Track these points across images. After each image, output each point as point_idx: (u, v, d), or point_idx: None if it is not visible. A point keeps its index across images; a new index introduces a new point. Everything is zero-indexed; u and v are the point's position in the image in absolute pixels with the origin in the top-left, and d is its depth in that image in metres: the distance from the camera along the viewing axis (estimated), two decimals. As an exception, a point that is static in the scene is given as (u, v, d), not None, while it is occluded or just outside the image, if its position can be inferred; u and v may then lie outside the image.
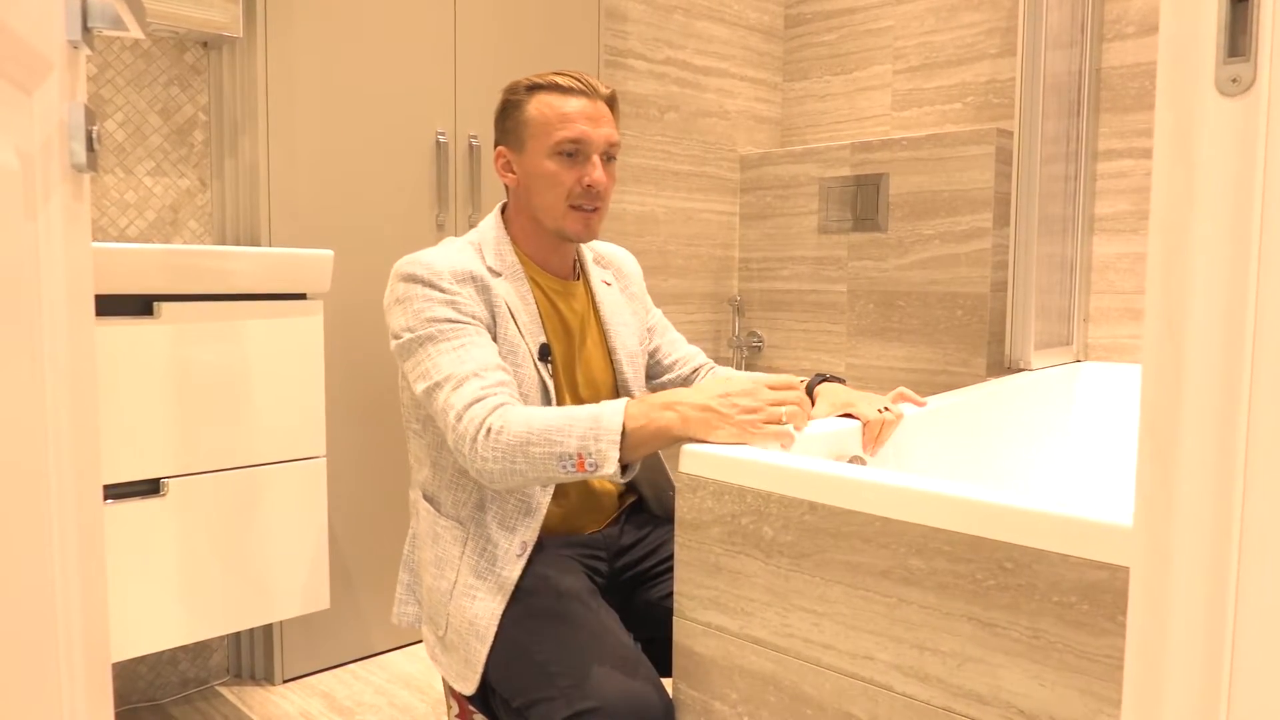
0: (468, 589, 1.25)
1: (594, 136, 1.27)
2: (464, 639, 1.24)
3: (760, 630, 1.07)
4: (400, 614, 1.39)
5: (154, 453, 1.43)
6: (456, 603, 1.25)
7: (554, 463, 1.12)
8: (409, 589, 1.39)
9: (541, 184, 1.29)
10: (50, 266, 0.70)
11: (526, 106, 1.30)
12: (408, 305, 1.23)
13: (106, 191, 1.71)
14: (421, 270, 1.23)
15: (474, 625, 1.23)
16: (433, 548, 1.30)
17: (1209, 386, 0.60)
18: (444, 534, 1.29)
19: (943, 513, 0.90)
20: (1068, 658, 0.83)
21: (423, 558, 1.33)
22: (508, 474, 1.14)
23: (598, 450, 1.10)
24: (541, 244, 1.34)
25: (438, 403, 1.19)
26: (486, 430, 1.14)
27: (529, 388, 1.27)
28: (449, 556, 1.28)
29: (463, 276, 1.24)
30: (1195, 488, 0.62)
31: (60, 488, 0.75)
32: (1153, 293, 0.61)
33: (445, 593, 1.27)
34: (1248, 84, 0.56)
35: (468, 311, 1.23)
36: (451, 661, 1.27)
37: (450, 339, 1.21)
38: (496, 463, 1.13)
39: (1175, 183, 0.59)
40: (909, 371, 2.55)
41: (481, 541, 1.26)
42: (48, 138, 0.68)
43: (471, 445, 1.15)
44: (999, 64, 2.57)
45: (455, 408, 1.16)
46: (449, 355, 1.20)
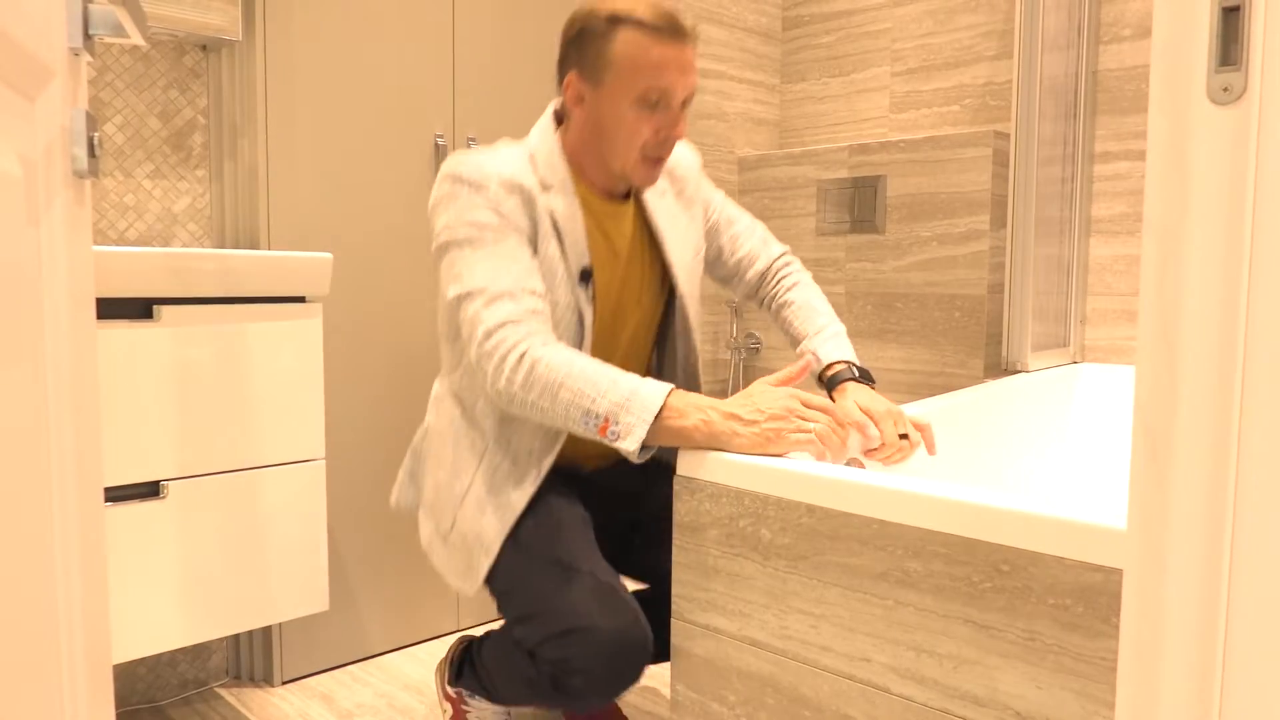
0: (479, 501, 1.26)
1: (679, 88, 1.21)
2: (468, 546, 1.27)
3: (758, 632, 1.07)
4: (399, 498, 1.42)
5: (154, 455, 1.44)
6: (467, 510, 1.27)
7: (578, 415, 1.11)
8: (411, 475, 1.40)
9: (617, 129, 1.22)
10: (52, 271, 0.71)
11: (612, 41, 1.20)
12: (450, 204, 1.20)
13: (106, 194, 1.72)
14: (469, 172, 1.19)
15: (480, 538, 1.25)
16: (451, 449, 1.30)
17: (1203, 390, 0.60)
18: (464, 440, 1.29)
19: (939, 515, 0.91)
20: (1063, 660, 0.83)
21: (437, 453, 1.33)
22: (527, 405, 1.14)
23: (626, 422, 1.10)
24: (599, 170, 1.28)
25: (466, 312, 1.17)
26: (520, 356, 1.13)
27: (563, 311, 1.24)
28: (465, 463, 1.28)
29: (511, 186, 1.20)
30: (1189, 491, 0.62)
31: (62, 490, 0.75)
32: (1147, 298, 0.62)
33: (457, 495, 1.28)
34: (1239, 93, 0.56)
35: (511, 220, 1.19)
36: (451, 560, 1.30)
37: (488, 245, 1.18)
38: (522, 390, 1.13)
39: (1169, 190, 0.59)
40: (907, 373, 2.55)
41: (499, 458, 1.26)
42: (50, 144, 0.68)
43: (498, 367, 1.14)
44: (996, 66, 2.57)
45: (485, 324, 1.15)
46: (484, 263, 1.17)
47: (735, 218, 1.50)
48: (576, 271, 1.24)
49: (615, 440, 1.10)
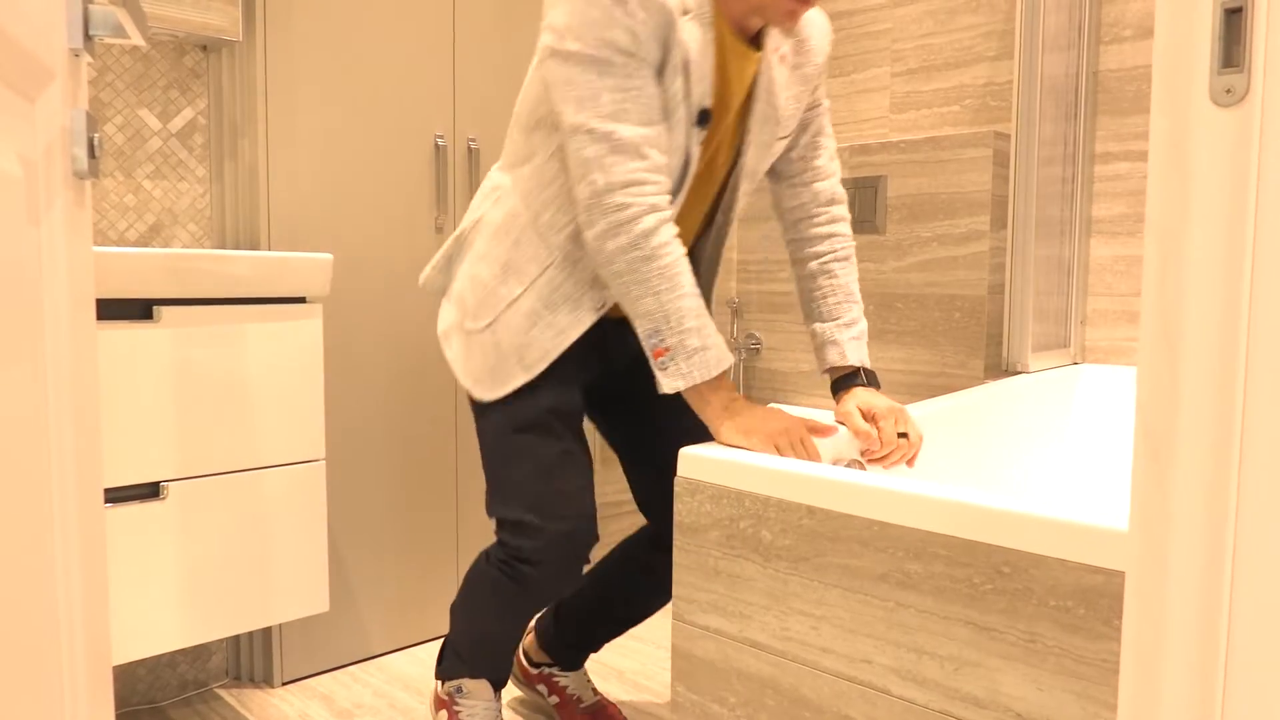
0: (530, 313, 1.24)
1: None
2: (503, 353, 1.25)
3: (759, 633, 1.07)
4: (429, 279, 1.38)
5: (154, 456, 1.44)
6: (513, 319, 1.24)
7: (648, 324, 1.13)
8: (449, 259, 1.36)
9: None
10: (53, 272, 0.71)
11: None
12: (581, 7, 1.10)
13: (106, 195, 1.71)
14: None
15: (522, 352, 1.24)
16: (509, 249, 1.26)
17: (1204, 392, 0.60)
18: (527, 245, 1.24)
19: (940, 517, 0.91)
20: (1064, 662, 0.83)
21: (489, 250, 1.28)
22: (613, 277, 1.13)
23: (677, 367, 1.13)
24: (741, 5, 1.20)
25: (583, 151, 1.12)
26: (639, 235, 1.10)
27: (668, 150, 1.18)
28: (523, 269, 1.24)
29: (651, 4, 1.11)
30: (1190, 492, 0.62)
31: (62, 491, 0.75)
32: (1148, 299, 0.62)
33: (502, 299, 1.25)
34: (1241, 94, 0.56)
35: (644, 46, 1.11)
36: (470, 358, 1.29)
37: (617, 76, 1.11)
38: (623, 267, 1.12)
39: (1170, 192, 0.59)
40: (907, 373, 2.55)
41: (561, 277, 1.23)
42: (50, 145, 0.68)
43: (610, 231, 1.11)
44: (997, 67, 2.57)
45: (607, 177, 1.11)
46: (611, 97, 1.11)
47: (827, 128, 1.45)
48: (696, 112, 1.18)
49: (660, 370, 1.13)
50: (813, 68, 1.35)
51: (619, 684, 1.86)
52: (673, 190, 1.21)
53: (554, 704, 1.66)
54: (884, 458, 1.31)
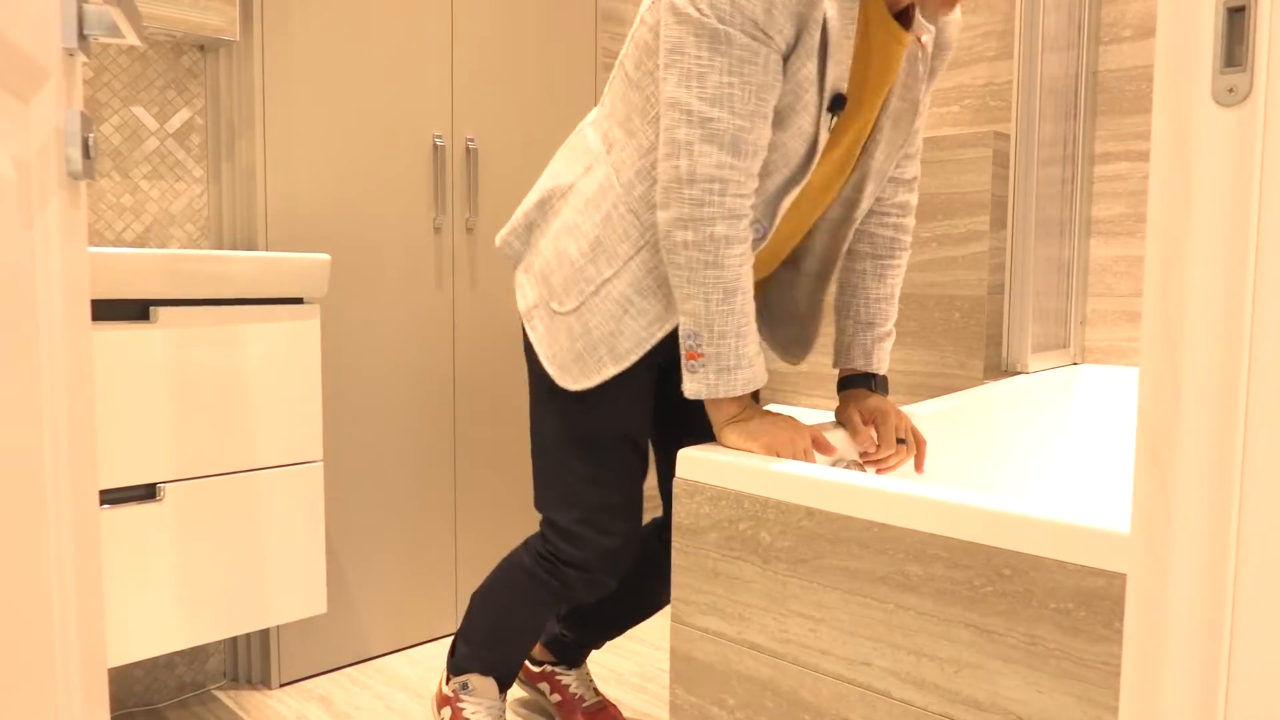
0: (621, 299, 1.17)
1: None
2: (593, 340, 1.19)
3: (758, 635, 1.07)
4: (506, 241, 1.30)
5: (151, 457, 1.43)
6: (603, 303, 1.17)
7: (689, 323, 1.11)
8: (531, 227, 1.27)
9: None
10: (47, 274, 0.70)
11: None
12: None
13: (103, 195, 1.71)
14: None
15: (613, 339, 1.18)
16: (599, 225, 1.18)
17: (1206, 394, 0.60)
18: (619, 221, 1.17)
19: (940, 519, 0.90)
20: (1065, 664, 0.83)
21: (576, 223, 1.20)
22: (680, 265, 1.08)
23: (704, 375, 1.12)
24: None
25: (679, 131, 1.05)
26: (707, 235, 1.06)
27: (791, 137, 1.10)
28: (615, 249, 1.17)
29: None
30: (1192, 495, 0.62)
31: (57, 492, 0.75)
32: (1150, 301, 0.61)
33: (591, 280, 1.18)
34: (1244, 94, 0.56)
35: (776, 24, 1.03)
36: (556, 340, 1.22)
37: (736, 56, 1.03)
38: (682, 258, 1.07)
39: (1172, 192, 0.59)
40: (906, 374, 2.55)
41: (658, 258, 1.16)
42: (44, 145, 0.68)
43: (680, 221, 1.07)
44: (996, 67, 2.57)
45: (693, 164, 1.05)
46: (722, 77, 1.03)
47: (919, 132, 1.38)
48: (829, 97, 1.10)
49: (689, 372, 1.13)
50: (942, 63, 1.29)
51: (618, 685, 1.86)
52: (793, 178, 1.14)
53: (555, 702, 1.66)
54: (881, 462, 1.31)
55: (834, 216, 1.30)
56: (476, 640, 1.46)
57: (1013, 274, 2.23)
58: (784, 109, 1.08)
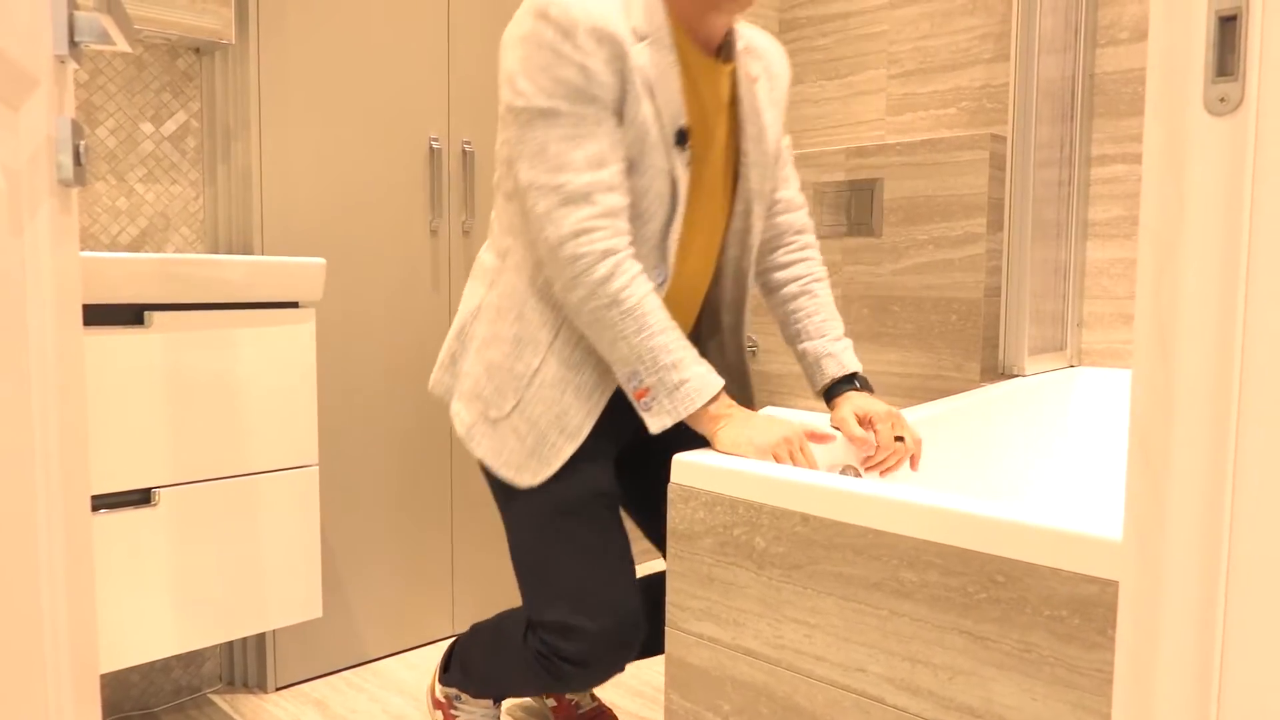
0: (558, 380, 1.18)
1: None
2: (541, 430, 1.19)
3: (752, 641, 1.06)
4: (437, 381, 1.32)
5: (145, 462, 1.43)
6: (539, 391, 1.19)
7: (626, 370, 1.10)
8: (453, 358, 1.30)
9: None
10: (37, 281, 0.70)
11: None
12: (533, 52, 1.09)
13: (98, 198, 1.71)
14: (557, 12, 1.08)
15: (562, 419, 1.18)
16: (514, 324, 1.21)
17: (1199, 402, 0.60)
18: (533, 314, 1.19)
19: (934, 525, 0.90)
20: (1059, 671, 0.83)
21: (495, 333, 1.23)
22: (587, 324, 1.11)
23: (661, 405, 1.10)
24: (692, 6, 1.17)
25: (539, 207, 1.10)
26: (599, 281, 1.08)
27: (654, 177, 1.15)
28: (535, 339, 1.19)
29: (601, 36, 1.09)
30: (1185, 502, 0.62)
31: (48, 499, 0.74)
32: (1143, 309, 0.61)
33: (521, 376, 1.19)
34: (1236, 103, 0.56)
35: (596, 81, 1.09)
36: (504, 447, 1.21)
37: (565, 123, 1.09)
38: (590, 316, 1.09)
39: (1165, 200, 0.59)
40: (903, 376, 2.55)
41: (578, 332, 1.18)
42: (35, 153, 0.68)
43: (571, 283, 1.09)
44: (993, 69, 2.57)
45: (559, 229, 1.09)
46: (559, 146, 1.09)
47: (790, 159, 1.43)
48: (671, 133, 1.14)
49: (645, 411, 1.11)
50: (780, 93, 1.34)
51: (614, 690, 1.86)
52: (666, 215, 1.18)
53: (551, 708, 1.66)
54: (882, 463, 1.30)
55: (733, 255, 1.33)
56: (473, 679, 1.41)
57: (1009, 276, 2.23)
58: (635, 153, 1.13)
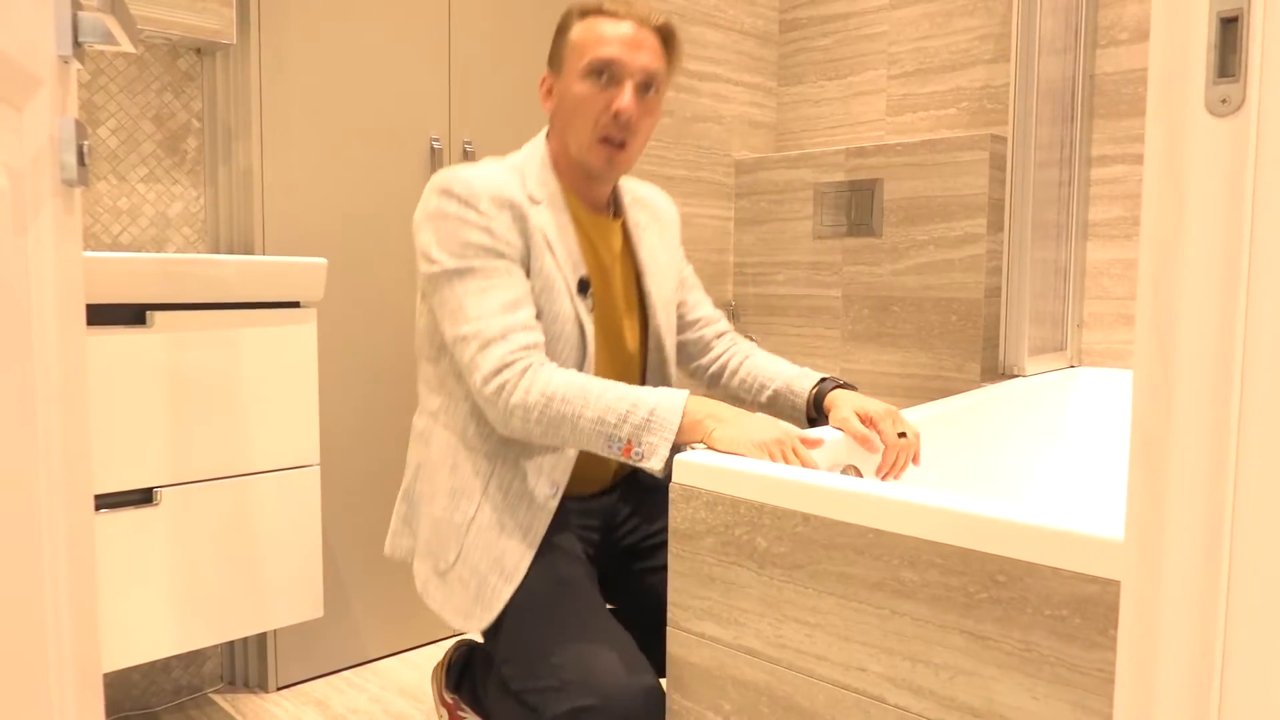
0: (493, 524, 1.21)
1: (628, 61, 1.22)
2: (481, 575, 1.21)
3: (753, 641, 1.07)
4: (394, 545, 1.35)
5: (147, 462, 1.43)
6: (477, 537, 1.21)
7: (601, 441, 1.11)
8: (405, 520, 1.34)
9: (572, 106, 1.24)
10: (40, 281, 0.70)
11: (572, 29, 1.26)
12: (441, 224, 1.18)
13: (99, 198, 1.71)
14: (459, 187, 1.18)
15: (500, 562, 1.20)
16: (450, 477, 1.25)
17: (1199, 403, 0.60)
18: (465, 464, 1.24)
19: (934, 525, 0.90)
20: (1060, 671, 0.83)
21: (433, 488, 1.27)
22: (546, 435, 1.13)
23: (649, 443, 1.10)
24: (576, 174, 1.28)
25: (465, 357, 1.15)
26: (527, 389, 1.12)
27: (563, 323, 1.22)
28: (469, 488, 1.23)
29: (501, 202, 1.19)
30: (1186, 503, 0.62)
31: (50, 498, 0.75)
32: (1143, 311, 0.61)
33: (460, 525, 1.22)
34: (1237, 104, 0.56)
35: (502, 240, 1.18)
36: (452, 597, 1.22)
37: (478, 277, 1.16)
38: (537, 426, 1.12)
39: (1165, 202, 0.59)
40: (903, 377, 2.55)
41: (507, 477, 1.22)
42: (38, 153, 0.68)
43: (506, 413, 1.13)
44: (993, 69, 2.57)
45: (482, 370, 1.13)
46: (474, 299, 1.16)
47: (698, 285, 1.53)
48: (574, 282, 1.24)
49: (640, 460, 1.10)
50: (672, 233, 1.45)
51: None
52: (578, 356, 1.25)
53: None
54: (893, 464, 1.31)
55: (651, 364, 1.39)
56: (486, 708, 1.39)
57: (1009, 277, 2.23)
58: (544, 303, 1.21)
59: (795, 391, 1.41)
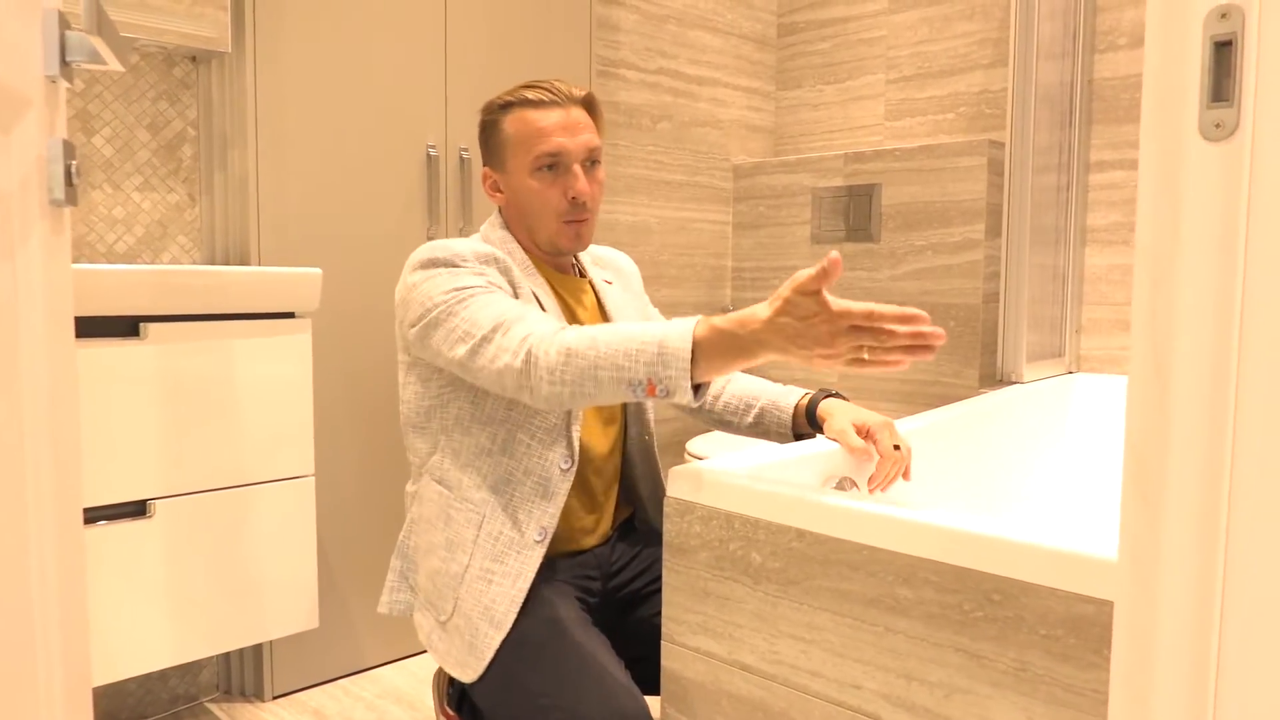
0: (483, 573, 1.23)
1: (572, 147, 1.26)
2: (473, 624, 1.22)
3: (748, 656, 1.06)
4: (391, 602, 1.36)
5: (141, 474, 1.43)
6: (469, 587, 1.23)
7: (625, 389, 1.07)
8: (402, 576, 1.37)
9: (528, 201, 1.29)
10: (29, 301, 0.70)
11: (502, 125, 1.30)
12: (430, 284, 1.20)
13: (94, 207, 1.70)
14: (442, 253, 1.22)
15: (489, 611, 1.21)
16: (444, 530, 1.27)
17: (1194, 425, 0.60)
18: (458, 516, 1.26)
19: (930, 543, 0.90)
20: (1055, 691, 0.83)
21: (430, 541, 1.30)
22: (577, 395, 1.10)
23: (668, 377, 1.04)
24: (542, 250, 1.34)
25: (487, 354, 1.14)
26: (546, 351, 1.10)
27: None
28: (462, 539, 1.25)
29: (485, 258, 1.23)
30: (1180, 525, 0.61)
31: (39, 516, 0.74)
32: (1139, 333, 0.61)
33: (456, 576, 1.24)
34: (1231, 129, 0.55)
35: (493, 282, 1.22)
36: (452, 647, 1.24)
37: (480, 297, 1.18)
38: (565, 386, 1.09)
39: (1161, 227, 0.58)
40: (901, 382, 2.54)
41: (497, 525, 1.24)
42: (26, 175, 0.67)
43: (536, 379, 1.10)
44: (992, 74, 2.57)
45: (509, 348, 1.12)
46: (487, 309, 1.16)
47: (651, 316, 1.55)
48: None
49: (668, 396, 1.06)
50: (636, 284, 1.49)
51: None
52: None
53: None
54: (886, 477, 1.30)
55: (635, 433, 1.40)
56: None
57: (1007, 283, 2.22)
58: None
59: (781, 408, 1.41)
